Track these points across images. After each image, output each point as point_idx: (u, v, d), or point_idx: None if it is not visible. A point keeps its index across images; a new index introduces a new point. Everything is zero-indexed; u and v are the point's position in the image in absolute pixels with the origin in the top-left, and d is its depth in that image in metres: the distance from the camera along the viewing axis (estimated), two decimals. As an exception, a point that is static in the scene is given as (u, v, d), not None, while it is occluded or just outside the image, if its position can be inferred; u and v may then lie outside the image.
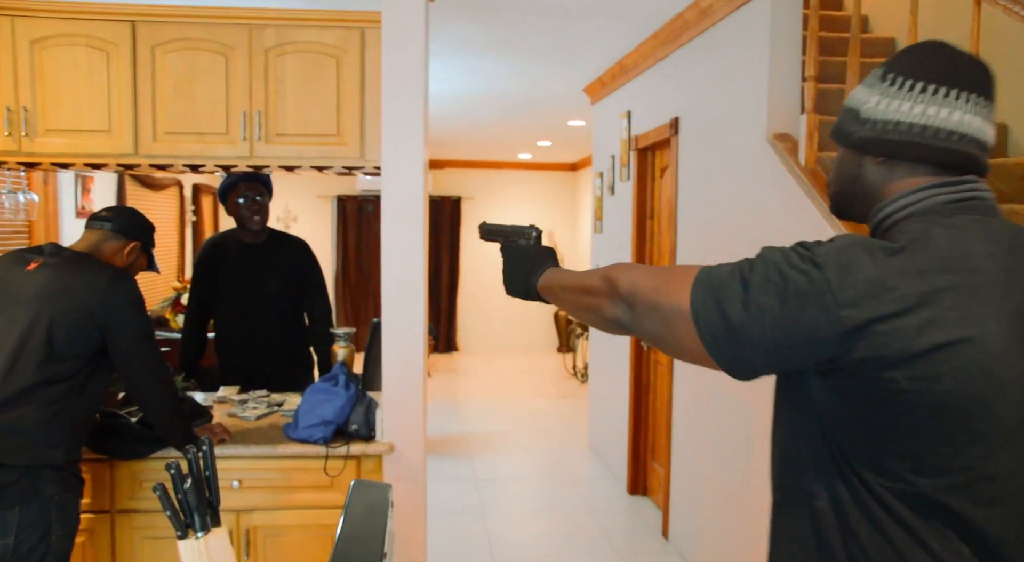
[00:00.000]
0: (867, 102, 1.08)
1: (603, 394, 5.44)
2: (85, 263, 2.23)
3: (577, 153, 9.49)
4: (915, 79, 1.04)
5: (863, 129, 1.08)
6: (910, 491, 0.96)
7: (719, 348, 0.99)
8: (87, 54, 2.67)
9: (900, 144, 1.04)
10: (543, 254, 1.41)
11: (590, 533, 4.22)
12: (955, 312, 0.92)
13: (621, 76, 4.80)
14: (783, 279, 0.96)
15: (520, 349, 10.44)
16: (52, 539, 2.05)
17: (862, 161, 1.10)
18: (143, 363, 2.21)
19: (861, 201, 1.12)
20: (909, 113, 1.03)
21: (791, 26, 2.91)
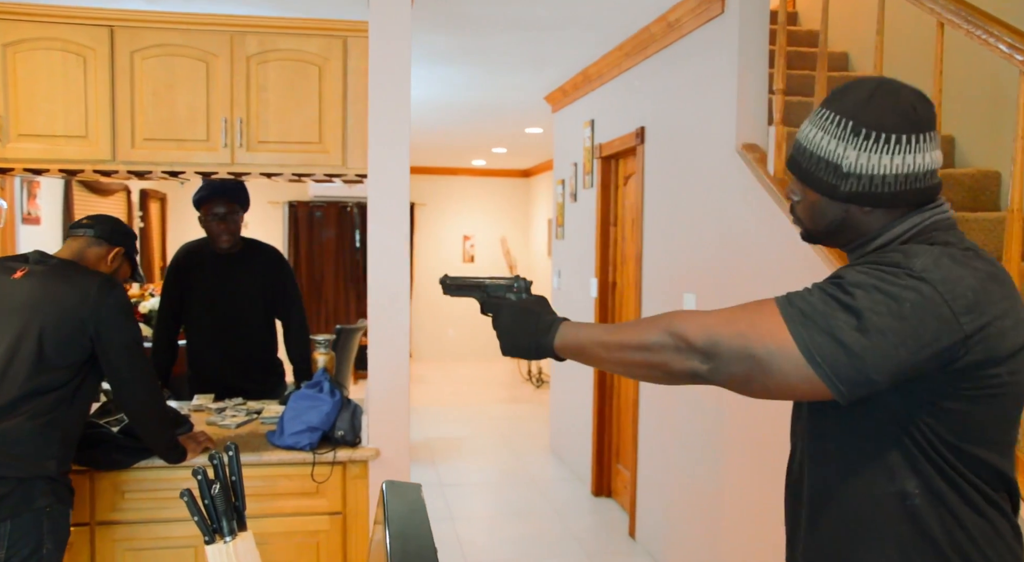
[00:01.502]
0: (846, 157, 1.15)
1: (565, 398, 5.52)
2: (73, 271, 2.20)
3: (531, 160, 9.59)
4: (887, 132, 1.12)
5: (848, 183, 1.15)
6: (986, 466, 1.11)
7: (840, 377, 1.03)
8: (63, 58, 2.63)
9: (889, 195, 1.14)
10: (544, 307, 1.34)
11: (558, 535, 4.29)
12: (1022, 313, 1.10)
13: (584, 85, 4.90)
14: (892, 298, 1.02)
15: (474, 355, 10.47)
16: (43, 552, 2.01)
17: (849, 208, 1.18)
18: (133, 372, 2.19)
19: (846, 235, 1.21)
20: (890, 165, 1.13)
21: (758, 40, 3.03)
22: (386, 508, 1.16)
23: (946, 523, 1.11)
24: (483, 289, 1.41)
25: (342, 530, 2.62)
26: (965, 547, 1.11)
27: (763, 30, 3.04)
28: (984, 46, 2.01)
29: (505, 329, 1.34)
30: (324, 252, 9.72)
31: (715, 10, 3.16)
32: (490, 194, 10.70)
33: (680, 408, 3.60)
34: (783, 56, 2.88)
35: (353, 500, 2.62)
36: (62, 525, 2.08)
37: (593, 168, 4.78)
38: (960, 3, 2.08)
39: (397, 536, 1.05)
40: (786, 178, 2.89)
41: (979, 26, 2.00)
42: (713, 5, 3.15)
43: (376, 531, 1.26)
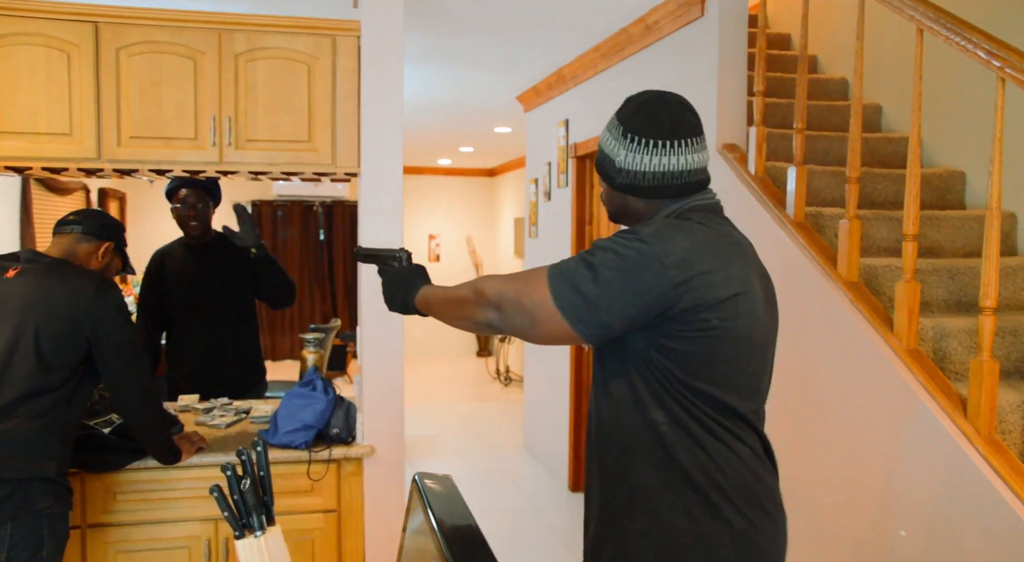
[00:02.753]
0: (618, 156, 1.44)
1: (539, 395, 5.57)
2: (66, 269, 2.18)
3: (497, 159, 9.62)
4: (648, 137, 1.40)
5: (620, 176, 1.44)
6: (720, 403, 1.35)
7: (581, 320, 1.30)
8: (46, 55, 2.58)
9: (649, 188, 1.43)
10: (415, 273, 1.68)
11: (537, 530, 4.33)
12: (739, 271, 1.35)
13: (558, 85, 4.95)
14: (619, 256, 1.30)
15: (440, 355, 10.47)
16: (44, 554, 2.00)
17: (625, 197, 1.47)
18: (129, 373, 2.17)
19: (631, 217, 1.49)
20: (650, 164, 1.40)
21: (738, 43, 3.11)
22: (425, 496, 1.18)
23: (689, 447, 1.35)
24: (379, 258, 1.77)
25: (337, 528, 2.63)
26: (706, 465, 1.35)
27: (742, 33, 3.12)
28: (963, 52, 2.11)
29: (387, 288, 1.69)
30: (288, 252, 9.62)
31: (695, 13, 3.23)
32: (456, 193, 10.70)
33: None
34: (763, 59, 2.96)
35: (348, 498, 2.63)
36: (62, 527, 2.06)
37: (568, 167, 4.84)
38: (940, 11, 2.18)
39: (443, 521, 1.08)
40: (767, 177, 2.97)
41: (958, 33, 2.09)
42: (693, 8, 3.23)
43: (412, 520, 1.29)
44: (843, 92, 3.93)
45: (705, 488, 1.34)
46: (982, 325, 2.03)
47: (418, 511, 1.23)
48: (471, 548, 1.00)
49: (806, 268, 2.61)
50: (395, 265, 1.74)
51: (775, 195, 2.85)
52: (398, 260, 1.75)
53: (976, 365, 2.02)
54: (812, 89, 3.73)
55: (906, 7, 2.27)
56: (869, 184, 3.09)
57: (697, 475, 1.35)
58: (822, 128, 3.53)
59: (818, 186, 3.02)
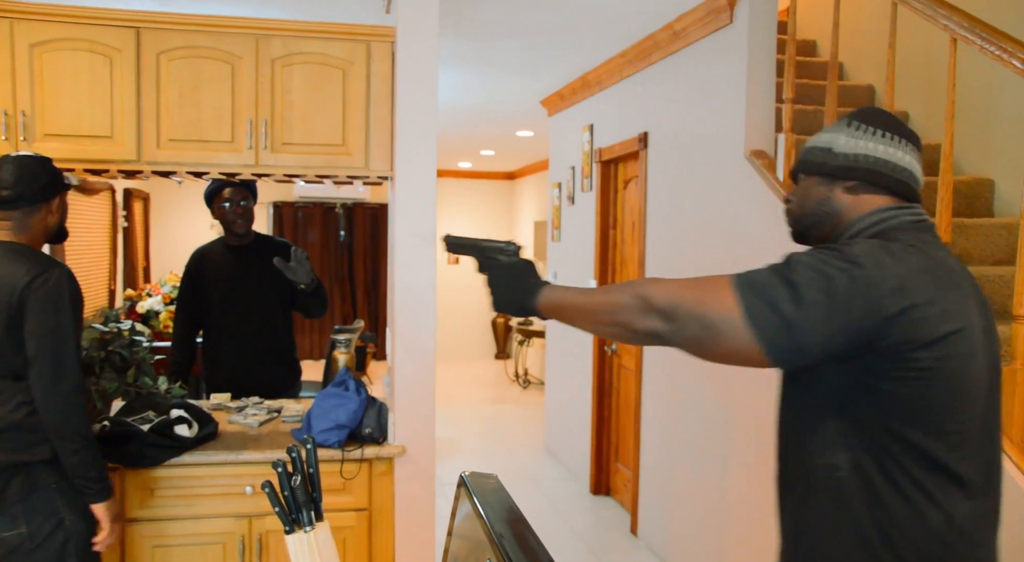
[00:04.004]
0: (837, 141, 1.35)
1: (561, 398, 5.60)
2: (8, 253, 2.10)
3: (517, 163, 9.66)
4: (874, 126, 1.33)
5: (836, 160, 1.34)
6: (919, 452, 1.19)
7: (775, 342, 1.14)
8: (89, 59, 2.64)
9: (868, 171, 1.32)
10: (531, 271, 1.49)
11: (559, 532, 4.36)
12: (957, 305, 1.20)
13: (583, 90, 4.98)
14: (827, 277, 1.14)
15: (459, 356, 10.51)
16: (67, 524, 2.07)
17: (832, 186, 1.34)
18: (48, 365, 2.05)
19: (825, 222, 1.36)
20: (873, 150, 1.32)
21: (767, 50, 3.13)
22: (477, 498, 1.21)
23: (866, 499, 1.20)
24: (479, 249, 1.56)
25: (368, 526, 2.66)
26: (884, 524, 1.19)
27: (771, 40, 3.14)
28: (997, 61, 2.12)
29: (497, 287, 1.49)
30: (310, 253, 9.65)
31: (723, 20, 3.25)
32: (476, 196, 10.75)
33: (683, 406, 3.69)
34: (792, 65, 2.98)
35: (379, 497, 2.66)
36: (78, 498, 2.11)
37: (592, 172, 4.87)
38: (973, 20, 2.19)
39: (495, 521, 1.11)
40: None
41: (993, 42, 2.10)
42: (722, 15, 3.25)
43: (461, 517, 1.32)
44: (870, 99, 3.93)
45: (878, 549, 1.20)
46: (1015, 333, 2.04)
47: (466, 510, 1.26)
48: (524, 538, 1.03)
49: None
50: (503, 259, 1.53)
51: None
52: (506, 253, 1.54)
53: (1009, 373, 2.03)
54: (839, 96, 3.74)
55: (940, 16, 2.29)
56: (897, 191, 3.10)
57: (871, 532, 1.20)
58: (849, 135, 3.54)
59: (846, 193, 3.03)
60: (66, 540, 2.08)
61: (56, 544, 2.06)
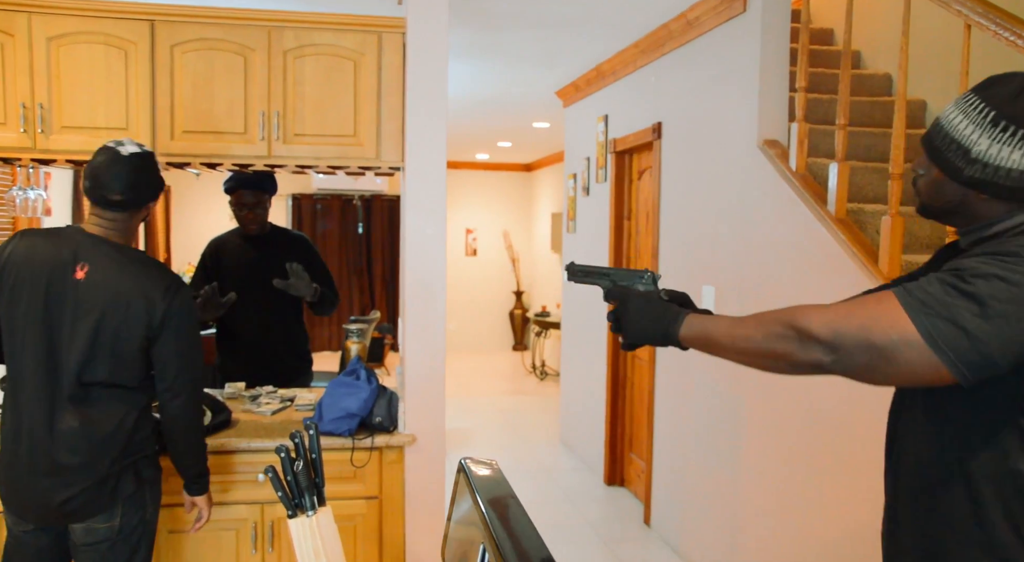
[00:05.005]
0: (978, 144, 1.19)
1: (576, 389, 5.60)
2: (134, 262, 2.11)
3: (534, 154, 9.65)
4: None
5: (973, 169, 1.20)
6: None
7: (964, 360, 1.08)
8: (105, 52, 2.68)
9: (1008, 189, 1.19)
10: (668, 300, 1.45)
11: (573, 522, 4.37)
12: None
13: (597, 81, 4.96)
14: (1013, 285, 1.08)
15: (476, 348, 10.55)
16: (147, 516, 2.15)
17: (968, 193, 1.23)
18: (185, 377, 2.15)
19: (959, 218, 1.28)
20: (1019, 161, 1.16)
21: (780, 39, 3.10)
22: (473, 483, 1.22)
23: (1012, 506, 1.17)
24: (608, 277, 1.51)
25: (379, 514, 2.69)
26: None
27: (784, 28, 3.11)
28: (1012, 47, 2.09)
29: (634, 317, 1.41)
30: (328, 244, 9.76)
31: (736, 9, 3.23)
32: (493, 188, 10.76)
33: (696, 397, 3.68)
34: (806, 54, 2.95)
35: (389, 485, 2.69)
36: (158, 491, 2.22)
37: (607, 162, 4.86)
38: (988, 5, 2.16)
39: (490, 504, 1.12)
40: (808, 174, 2.97)
41: (1007, 28, 2.07)
42: (735, 4, 3.22)
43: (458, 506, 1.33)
44: (886, 88, 3.89)
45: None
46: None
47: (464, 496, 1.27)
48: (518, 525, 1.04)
49: (847, 265, 2.61)
50: (640, 288, 1.49)
51: (816, 191, 2.84)
52: (644, 283, 1.50)
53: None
54: (855, 85, 3.70)
55: (953, 2, 2.26)
56: (913, 181, 3.06)
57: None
58: (864, 124, 3.50)
59: (860, 182, 3.00)
60: (144, 532, 2.16)
61: (136, 535, 2.13)
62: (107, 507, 2.07)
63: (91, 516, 2.07)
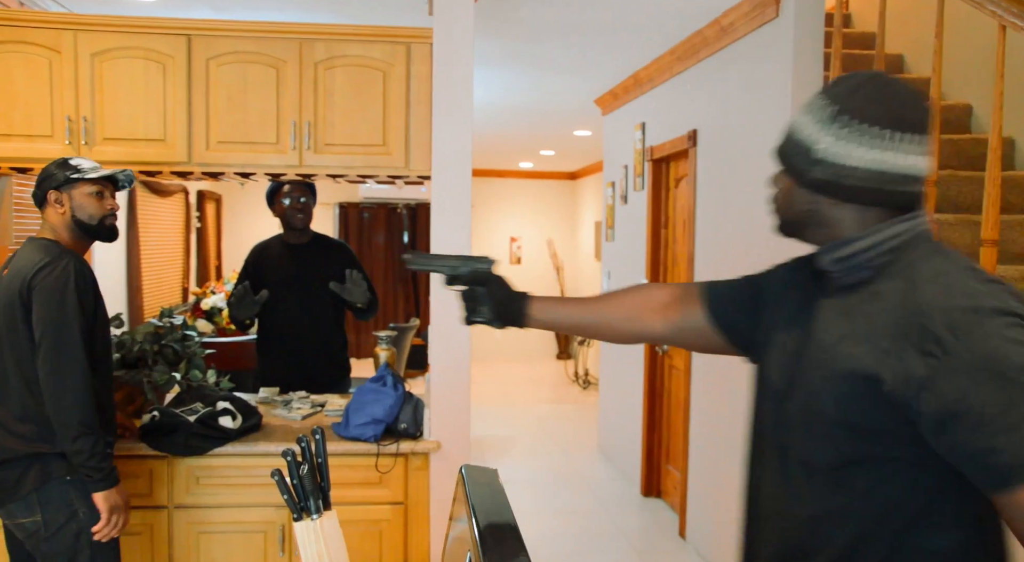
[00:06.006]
0: (819, 142, 1.10)
1: (614, 399, 5.56)
2: (27, 247, 2.24)
3: (578, 162, 9.64)
4: (868, 123, 1.07)
5: (816, 170, 1.11)
6: None
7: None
8: (144, 66, 2.77)
9: (856, 189, 1.09)
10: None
11: (607, 533, 4.34)
12: None
13: (635, 88, 4.94)
14: None
15: (520, 356, 10.55)
16: (80, 516, 2.16)
17: (816, 198, 1.13)
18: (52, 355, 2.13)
19: (815, 231, 1.16)
20: (863, 159, 1.07)
21: (814, 44, 3.05)
22: (468, 489, 1.23)
23: None
24: (452, 266, 1.51)
25: (404, 520, 2.71)
26: None
27: (818, 33, 3.06)
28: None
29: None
30: (374, 252, 9.89)
31: (770, 14, 3.18)
32: (537, 196, 10.77)
33: (732, 407, 3.62)
34: (839, 59, 2.90)
35: (414, 491, 2.71)
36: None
37: (644, 170, 4.83)
38: (1022, 5, 2.09)
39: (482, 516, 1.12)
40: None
41: (1042, 28, 2.01)
42: (768, 9, 3.18)
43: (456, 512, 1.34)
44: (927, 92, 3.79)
45: None
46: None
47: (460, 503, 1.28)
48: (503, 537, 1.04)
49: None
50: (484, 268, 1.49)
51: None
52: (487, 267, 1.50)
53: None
54: (897, 89, 3.62)
55: (987, 3, 2.19)
56: (954, 187, 2.97)
57: None
58: (906, 129, 3.41)
59: (898, 189, 2.92)
60: (80, 531, 2.17)
61: (70, 534, 2.16)
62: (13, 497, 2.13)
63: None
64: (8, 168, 2.84)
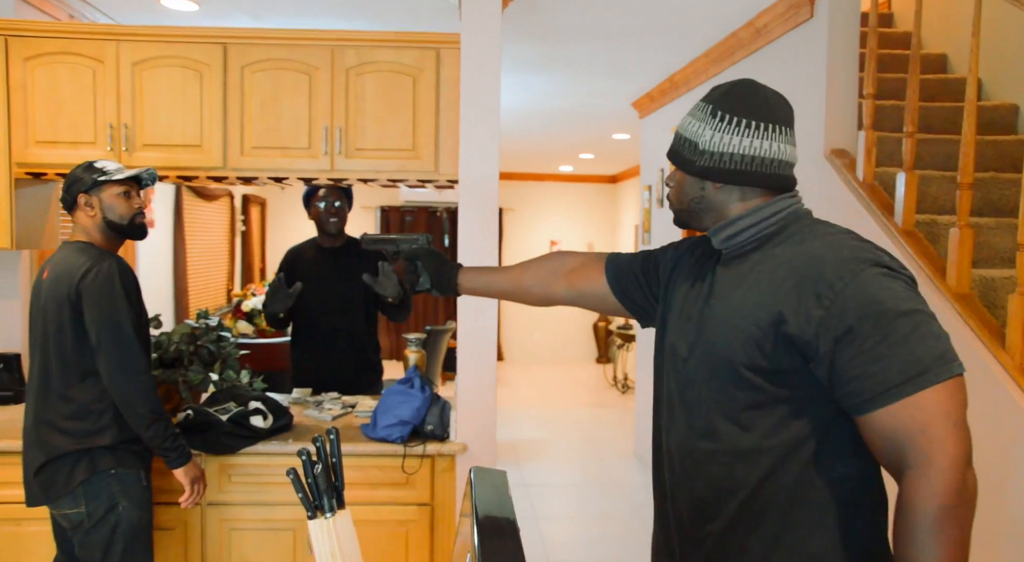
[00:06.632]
0: (702, 136, 1.30)
1: (650, 403, 5.52)
2: (66, 251, 2.32)
3: (619, 166, 9.60)
4: (740, 116, 1.27)
5: (702, 159, 1.30)
6: None
7: None
8: (182, 74, 2.85)
9: (735, 172, 1.28)
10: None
11: (641, 537, 4.30)
12: None
13: (671, 91, 4.91)
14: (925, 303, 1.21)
15: (560, 359, 10.54)
16: (120, 509, 2.25)
17: (703, 185, 1.32)
18: (112, 351, 2.24)
19: (706, 216, 1.35)
20: (739, 146, 1.27)
21: (848, 44, 3.00)
22: (473, 491, 1.24)
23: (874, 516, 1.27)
24: (395, 242, 1.78)
25: (430, 521, 2.73)
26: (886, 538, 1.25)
27: (853, 34, 3.00)
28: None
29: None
30: (414, 256, 9.97)
31: (804, 15, 3.14)
32: (577, 200, 10.75)
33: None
34: (874, 60, 2.84)
35: (441, 492, 2.73)
36: (133, 486, 2.29)
37: (680, 173, 4.79)
38: (1060, 3, 2.03)
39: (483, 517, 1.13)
40: (876, 184, 2.85)
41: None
42: (802, 10, 3.14)
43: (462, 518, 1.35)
44: (975, 92, 3.69)
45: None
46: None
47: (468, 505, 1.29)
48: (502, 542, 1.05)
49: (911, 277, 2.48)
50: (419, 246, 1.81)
51: (884, 202, 2.73)
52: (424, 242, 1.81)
53: None
54: (939, 90, 3.53)
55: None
56: (996, 190, 2.90)
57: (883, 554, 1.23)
58: (948, 131, 3.33)
59: (936, 192, 2.86)
60: (117, 524, 2.25)
61: (108, 527, 2.24)
62: (64, 491, 2.23)
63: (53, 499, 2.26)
64: (55, 174, 2.94)
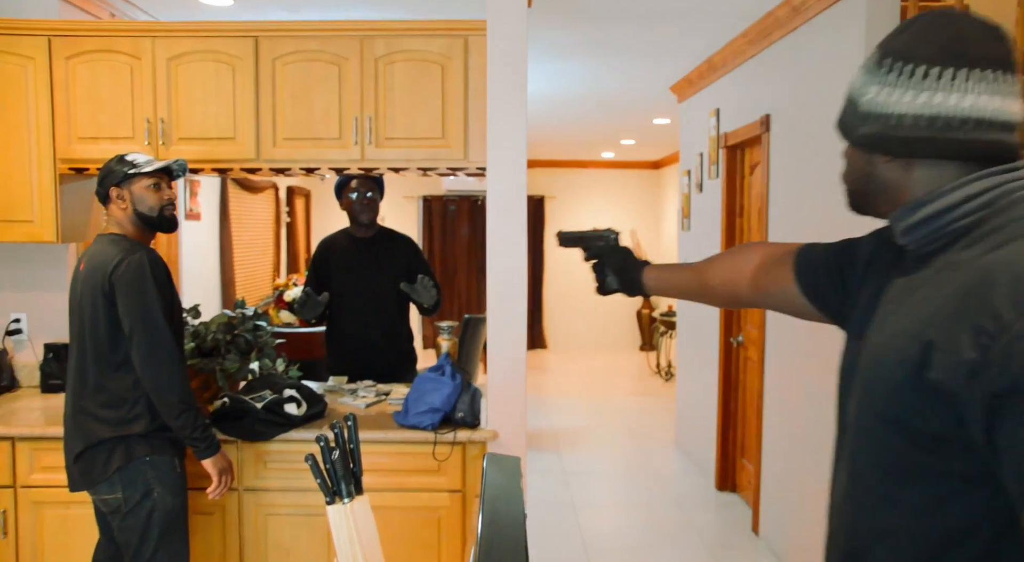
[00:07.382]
0: (865, 93, 0.97)
1: (690, 392, 5.47)
2: (101, 243, 2.39)
3: (660, 151, 9.48)
4: (914, 63, 0.92)
5: (864, 125, 0.97)
6: None
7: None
8: (215, 68, 2.90)
9: (907, 141, 0.93)
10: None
11: (680, 527, 4.27)
12: None
13: (709, 74, 4.82)
14: None
15: (603, 347, 10.49)
16: (155, 495, 2.32)
17: (871, 159, 0.99)
18: (146, 344, 2.29)
19: (880, 199, 1.02)
20: (911, 104, 0.92)
21: (888, 19, 2.90)
22: (484, 476, 1.24)
23: None
24: (585, 240, 1.76)
25: (462, 507, 2.75)
26: None
27: (894, 8, 2.90)
28: None
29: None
30: (456, 244, 10.03)
31: (842, -9, 3.05)
32: (620, 186, 10.66)
33: (807, 400, 3.50)
34: (915, 35, 2.74)
35: (472, 479, 2.74)
36: (167, 472, 2.35)
37: (719, 158, 4.71)
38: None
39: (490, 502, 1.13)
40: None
41: None
42: (840, -14, 3.05)
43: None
44: None
45: None
46: None
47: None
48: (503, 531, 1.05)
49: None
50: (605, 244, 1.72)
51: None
52: (612, 239, 1.73)
53: None
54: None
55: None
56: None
57: None
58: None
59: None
60: (152, 510, 2.32)
61: (144, 512, 2.31)
62: (102, 477, 2.30)
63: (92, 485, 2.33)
64: (96, 169, 3.01)
